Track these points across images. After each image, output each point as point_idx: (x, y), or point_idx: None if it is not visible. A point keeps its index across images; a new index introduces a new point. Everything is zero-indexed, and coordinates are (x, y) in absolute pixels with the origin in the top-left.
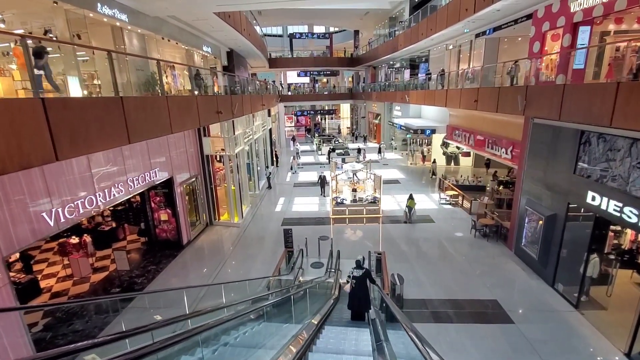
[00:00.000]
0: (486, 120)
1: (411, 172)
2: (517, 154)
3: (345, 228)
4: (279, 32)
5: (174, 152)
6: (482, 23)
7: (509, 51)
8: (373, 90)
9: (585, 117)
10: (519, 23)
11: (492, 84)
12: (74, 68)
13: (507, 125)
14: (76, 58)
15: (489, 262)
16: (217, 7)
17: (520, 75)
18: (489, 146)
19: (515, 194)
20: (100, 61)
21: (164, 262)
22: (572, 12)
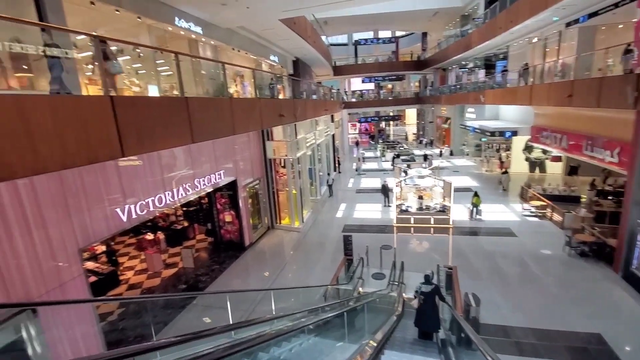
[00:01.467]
0: (582, 118)
1: (486, 179)
2: (626, 156)
3: (410, 238)
4: (344, 40)
5: (239, 155)
6: (575, 9)
7: (607, 42)
8: (442, 93)
9: None
10: (620, 6)
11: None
12: (153, 78)
13: (611, 122)
14: (156, 69)
15: (588, 287)
16: (282, 13)
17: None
18: (587, 148)
19: (624, 205)
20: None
21: (227, 262)
22: None
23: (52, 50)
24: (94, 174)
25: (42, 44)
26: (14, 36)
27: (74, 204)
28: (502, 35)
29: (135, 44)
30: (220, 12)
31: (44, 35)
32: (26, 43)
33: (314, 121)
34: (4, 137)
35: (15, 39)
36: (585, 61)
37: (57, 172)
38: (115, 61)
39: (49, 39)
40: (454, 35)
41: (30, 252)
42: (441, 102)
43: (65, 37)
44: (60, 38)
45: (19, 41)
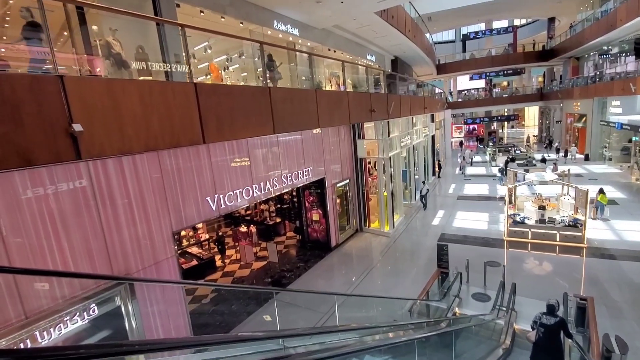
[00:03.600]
0: None
1: (637, 190)
2: None
3: (525, 256)
4: (451, 37)
5: (328, 153)
6: None
7: None
8: (575, 85)
9: None
10: None
11: None
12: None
13: None
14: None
15: None
16: (377, 4)
17: None
18: None
19: None
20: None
21: (312, 261)
22: None
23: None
24: (189, 163)
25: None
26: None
27: (170, 191)
28: None
29: (218, 32)
30: (316, 11)
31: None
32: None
33: (411, 120)
34: (96, 119)
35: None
36: None
37: (158, 160)
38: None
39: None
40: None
41: (132, 231)
42: (574, 96)
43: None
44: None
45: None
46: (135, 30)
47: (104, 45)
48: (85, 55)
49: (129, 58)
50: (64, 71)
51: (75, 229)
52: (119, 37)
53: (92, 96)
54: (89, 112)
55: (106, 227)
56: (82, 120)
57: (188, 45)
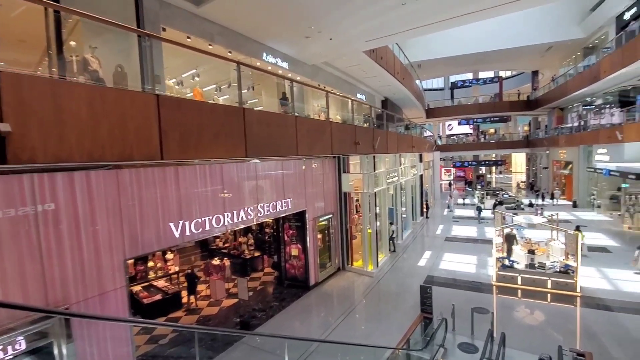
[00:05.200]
0: None
1: (630, 239)
2: None
3: (515, 303)
4: (440, 85)
5: (311, 185)
6: None
7: None
8: (560, 133)
9: None
10: None
11: None
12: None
13: None
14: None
15: None
16: (365, 43)
17: None
18: None
19: None
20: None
21: (288, 300)
22: None
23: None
24: (152, 185)
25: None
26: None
27: (127, 213)
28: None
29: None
30: (305, 47)
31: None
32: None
33: (398, 157)
34: (32, 120)
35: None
36: None
37: (116, 178)
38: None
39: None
40: (574, 70)
41: (76, 255)
42: (559, 144)
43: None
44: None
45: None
46: (116, 50)
47: (80, 61)
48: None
49: (108, 76)
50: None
51: (9, 249)
52: (99, 54)
53: (32, 95)
54: (24, 112)
55: (45, 249)
56: (14, 120)
57: (175, 70)
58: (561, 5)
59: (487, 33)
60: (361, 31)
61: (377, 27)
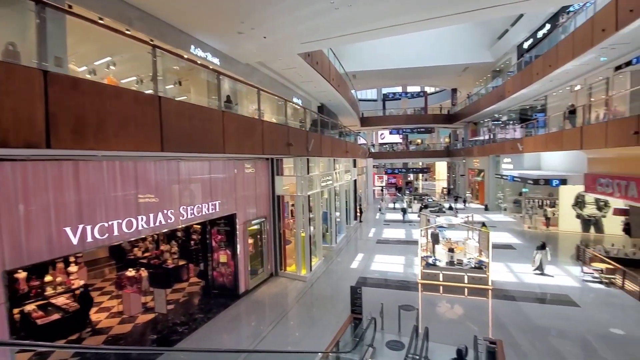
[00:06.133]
0: None
1: (529, 238)
2: None
3: (438, 299)
4: (374, 96)
5: (241, 186)
6: (627, 49)
7: None
8: (474, 144)
9: None
10: None
11: None
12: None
13: None
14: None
15: None
16: (301, 45)
17: None
18: None
19: None
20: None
21: (215, 311)
22: None
23: None
24: (43, 180)
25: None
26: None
27: (6, 215)
28: (540, 81)
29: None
30: (238, 44)
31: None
32: None
33: (332, 162)
34: None
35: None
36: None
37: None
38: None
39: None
40: (485, 89)
41: None
42: (473, 154)
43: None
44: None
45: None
46: (10, 27)
47: None
48: None
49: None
50: None
51: None
52: None
53: None
54: None
55: None
56: None
57: (86, 56)
58: (476, 31)
59: (414, 51)
60: (296, 32)
61: (312, 30)
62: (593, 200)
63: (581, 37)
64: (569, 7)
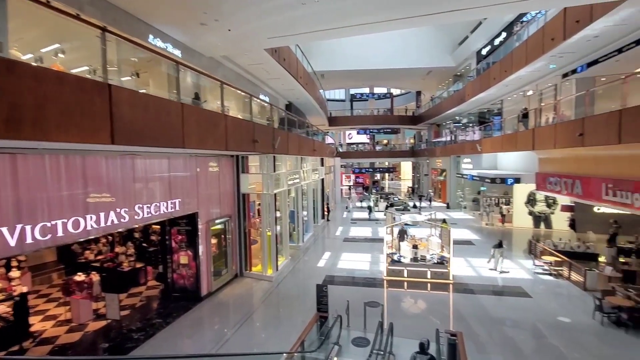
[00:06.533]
0: (600, 159)
1: (487, 234)
2: None
3: (402, 294)
4: (341, 96)
5: (204, 185)
6: (573, 58)
7: (608, 97)
8: (437, 145)
9: None
10: (624, 52)
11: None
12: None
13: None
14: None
15: None
16: (268, 40)
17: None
18: (607, 193)
19: None
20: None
21: (174, 315)
22: None
23: None
24: None
25: None
26: None
27: None
28: (496, 86)
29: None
30: (201, 36)
31: None
32: None
33: (300, 160)
34: None
35: None
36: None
37: None
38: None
39: None
40: (447, 92)
41: None
42: (436, 154)
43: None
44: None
45: None
46: None
47: None
48: None
49: None
50: None
51: None
52: None
53: None
54: None
55: None
56: None
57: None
58: (439, 36)
59: (382, 53)
60: (262, 26)
61: (278, 25)
62: (543, 198)
63: (533, 45)
64: (523, 17)
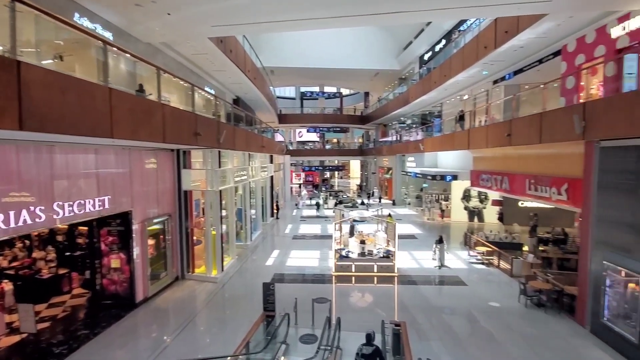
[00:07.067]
0: (524, 157)
1: (428, 228)
2: (576, 192)
3: (350, 289)
4: (292, 94)
5: (139, 180)
6: (502, 66)
7: (530, 103)
8: (384, 144)
9: None
10: (544, 62)
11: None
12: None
13: (556, 159)
14: None
15: (561, 346)
16: (212, 28)
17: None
18: (530, 187)
19: (582, 246)
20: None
21: (104, 324)
22: (613, 39)
23: None
24: None
25: None
26: None
27: None
28: (437, 89)
29: None
30: (137, 18)
31: None
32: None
33: (248, 156)
34: None
35: None
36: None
37: None
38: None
39: None
40: (393, 94)
41: None
42: (383, 153)
43: None
44: None
45: None
46: None
47: None
48: None
49: None
50: None
51: None
52: None
53: None
54: None
55: None
56: None
57: None
58: (386, 40)
59: (332, 53)
60: (204, 12)
61: (222, 12)
62: (477, 194)
63: (469, 53)
64: (461, 25)
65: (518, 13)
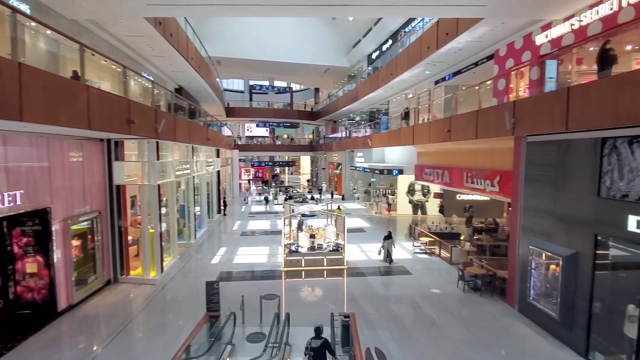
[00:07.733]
0: (462, 152)
1: (376, 221)
2: (506, 184)
3: (300, 284)
4: (240, 87)
5: (60, 173)
6: (443, 67)
7: (467, 103)
8: (334, 140)
9: (611, 118)
10: (479, 65)
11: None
12: None
13: (489, 153)
14: None
15: (493, 325)
16: (148, 7)
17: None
18: (467, 180)
19: (511, 233)
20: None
21: (19, 337)
22: (537, 45)
23: None
24: None
25: None
26: None
27: None
28: (384, 87)
29: None
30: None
31: None
32: None
33: (191, 149)
34: None
35: None
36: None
37: None
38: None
39: None
40: (342, 91)
41: None
42: (333, 149)
43: None
44: None
45: None
46: None
47: None
48: None
49: None
50: None
51: None
52: None
53: None
54: None
55: None
56: None
57: None
58: (336, 37)
59: (281, 46)
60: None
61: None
62: (420, 188)
63: (413, 52)
64: (407, 26)
65: (457, 15)
